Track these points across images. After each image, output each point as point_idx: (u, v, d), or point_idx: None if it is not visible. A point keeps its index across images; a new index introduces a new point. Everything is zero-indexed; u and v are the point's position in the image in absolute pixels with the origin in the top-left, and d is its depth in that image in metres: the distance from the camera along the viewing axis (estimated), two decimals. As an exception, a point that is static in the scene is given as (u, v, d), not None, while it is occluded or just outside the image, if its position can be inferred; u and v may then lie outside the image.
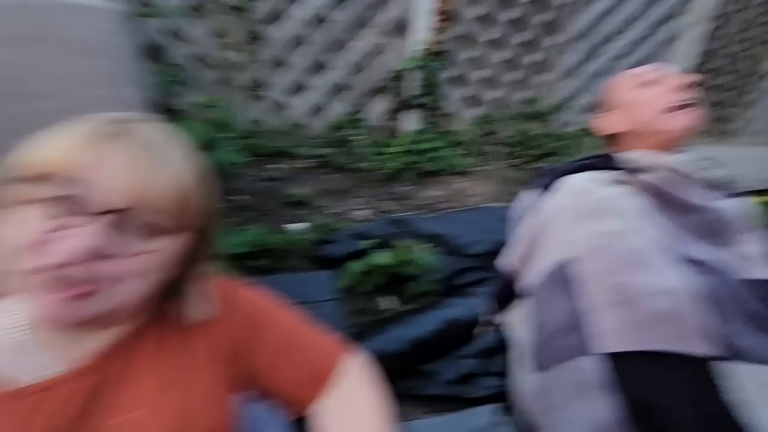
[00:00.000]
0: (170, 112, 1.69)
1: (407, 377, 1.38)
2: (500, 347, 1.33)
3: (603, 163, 0.98)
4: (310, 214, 1.93)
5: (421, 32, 2.18)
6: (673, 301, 0.76)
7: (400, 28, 2.22)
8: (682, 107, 0.92)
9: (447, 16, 2.20)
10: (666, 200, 0.91)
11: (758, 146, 3.52)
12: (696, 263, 0.83)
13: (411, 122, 2.36)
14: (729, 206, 0.94)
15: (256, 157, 2.07)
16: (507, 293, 1.02)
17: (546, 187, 0.99)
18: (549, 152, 2.44)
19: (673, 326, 0.75)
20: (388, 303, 1.63)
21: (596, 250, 0.82)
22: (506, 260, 1.00)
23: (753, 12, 2.86)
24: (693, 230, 0.90)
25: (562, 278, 0.85)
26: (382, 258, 1.55)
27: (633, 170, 0.92)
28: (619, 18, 2.56)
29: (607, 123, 1.04)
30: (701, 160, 1.03)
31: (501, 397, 1.18)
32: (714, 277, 0.81)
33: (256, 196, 1.98)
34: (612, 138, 1.05)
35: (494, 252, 1.13)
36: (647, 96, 0.96)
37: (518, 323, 0.99)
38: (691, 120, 0.91)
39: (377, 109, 2.32)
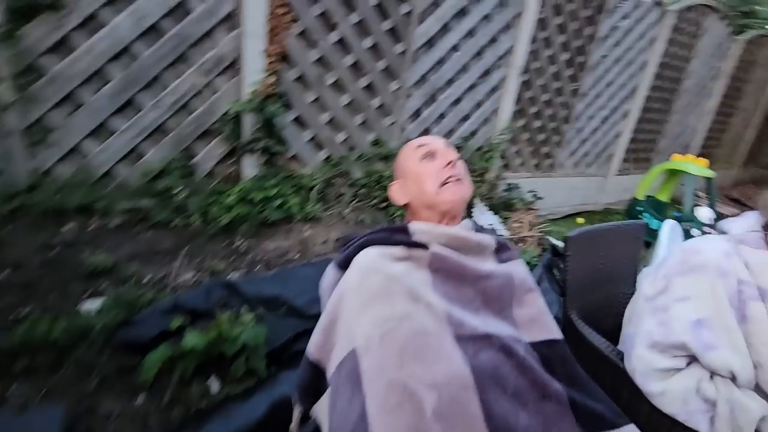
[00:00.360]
0: None
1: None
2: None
3: (395, 235, 0.94)
4: (114, 286, 1.60)
5: (253, 74, 2.04)
6: (457, 391, 0.72)
7: (230, 68, 2.05)
8: (453, 181, 0.96)
9: (279, 58, 2.10)
10: (450, 272, 0.90)
11: (572, 177, 4.17)
12: (482, 338, 0.82)
13: (249, 168, 2.18)
14: (512, 268, 0.98)
15: (42, 218, 1.66)
16: (315, 383, 0.90)
17: (344, 262, 0.92)
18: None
19: (458, 420, 0.69)
20: (207, 388, 1.40)
21: (379, 339, 0.75)
22: (311, 346, 0.89)
23: (558, 67, 3.40)
24: (479, 300, 0.90)
25: (350, 372, 0.76)
26: (193, 339, 1.32)
27: (417, 244, 0.90)
28: (451, 67, 2.78)
29: (397, 192, 1.02)
30: (487, 225, 1.08)
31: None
32: (499, 354, 0.81)
33: (41, 268, 1.57)
34: (405, 207, 1.04)
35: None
36: (426, 169, 0.97)
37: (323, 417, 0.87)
38: (460, 193, 0.93)
39: (208, 155, 2.09)
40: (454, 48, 2.77)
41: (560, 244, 2.98)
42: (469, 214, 2.90)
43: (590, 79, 3.71)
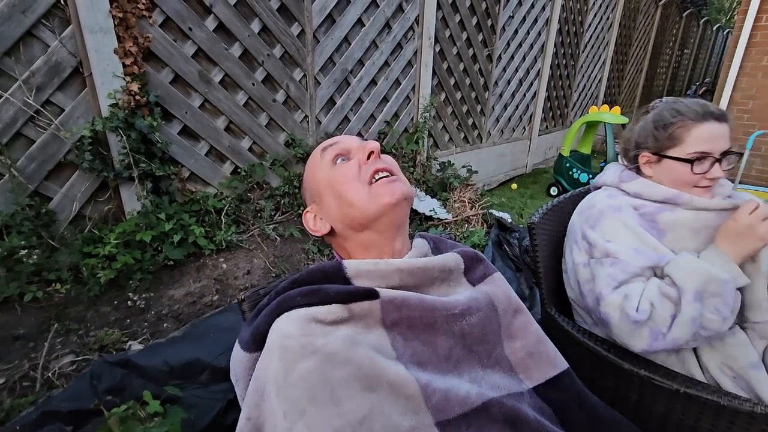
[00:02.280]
0: None
1: None
2: None
3: (325, 284, 0.64)
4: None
5: (108, 81, 1.58)
6: None
7: (73, 78, 1.56)
8: (387, 178, 0.67)
9: (141, 57, 1.65)
10: (413, 323, 0.62)
11: (500, 144, 4.11)
12: (477, 413, 0.58)
13: (132, 201, 1.72)
14: (491, 288, 0.74)
15: None
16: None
17: (253, 341, 0.61)
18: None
19: None
20: None
21: None
22: None
23: (469, 32, 3.23)
24: (459, 348, 0.64)
25: None
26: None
27: (360, 294, 0.61)
28: (359, 45, 2.48)
29: (313, 220, 0.72)
30: (428, 211, 0.83)
31: None
32: (504, 429, 0.58)
33: None
34: (329, 237, 0.74)
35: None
36: (342, 172, 0.67)
37: None
38: (400, 190, 0.66)
39: (69, 195, 1.60)
40: (359, 23, 2.46)
41: (503, 215, 2.87)
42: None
43: (502, 42, 3.62)
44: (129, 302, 1.55)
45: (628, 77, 6.67)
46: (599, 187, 1.05)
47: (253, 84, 2.06)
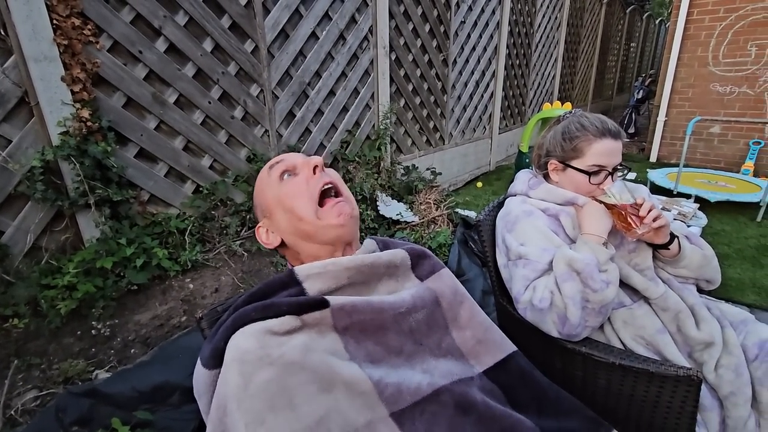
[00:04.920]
0: None
1: None
2: None
3: (279, 296, 0.68)
4: None
5: (57, 109, 1.56)
6: None
7: (20, 107, 1.53)
8: (331, 199, 0.72)
9: (90, 82, 1.64)
10: (364, 325, 0.67)
11: (462, 145, 4.23)
12: (429, 400, 0.63)
13: (90, 229, 1.70)
14: (436, 284, 0.79)
15: None
16: None
17: (212, 358, 0.63)
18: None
19: None
20: None
21: None
22: None
23: (423, 39, 3.33)
24: (410, 343, 0.69)
25: None
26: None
27: (310, 304, 0.65)
28: (315, 57, 2.52)
29: (265, 234, 0.76)
30: (395, 216, 0.89)
31: None
32: (456, 415, 0.63)
33: None
34: (281, 249, 0.78)
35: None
36: (290, 188, 0.71)
37: None
38: (347, 211, 0.72)
39: (22, 227, 1.57)
40: (314, 36, 2.50)
41: (469, 214, 2.97)
42: (375, 207, 2.72)
43: (456, 46, 3.74)
44: (93, 331, 1.52)
45: (580, 73, 6.98)
46: (515, 195, 1.16)
47: (210, 102, 2.07)
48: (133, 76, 1.78)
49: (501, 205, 1.21)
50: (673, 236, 0.99)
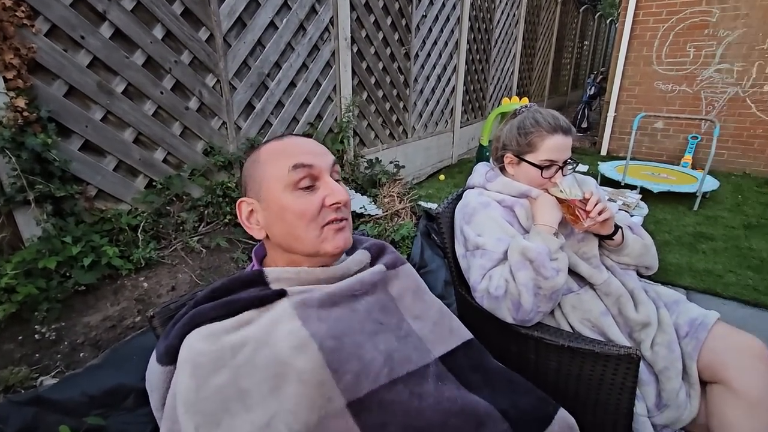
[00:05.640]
0: None
1: None
2: None
3: (242, 292, 0.68)
4: None
5: (-12, 98, 1.44)
6: None
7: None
8: (338, 225, 0.71)
9: (26, 69, 1.52)
10: (324, 304, 0.67)
11: (425, 139, 4.28)
12: (387, 389, 0.63)
13: (30, 227, 1.58)
14: (392, 277, 0.80)
15: None
16: None
17: (166, 355, 0.62)
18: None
19: None
20: None
21: None
22: None
23: (385, 32, 3.33)
24: (368, 325, 0.70)
25: None
26: None
27: (272, 295, 0.65)
28: (274, 48, 2.46)
29: (249, 219, 0.74)
30: (359, 209, 0.89)
31: None
32: (411, 399, 0.64)
33: None
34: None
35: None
36: (301, 207, 0.68)
37: None
38: (345, 241, 0.71)
39: (-49, 224, 1.44)
40: (272, 25, 2.44)
41: (432, 206, 3.02)
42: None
43: (418, 40, 3.76)
44: (36, 335, 1.43)
45: (537, 69, 7.23)
46: (473, 187, 1.19)
47: (162, 93, 1.97)
48: (75, 63, 1.67)
49: (460, 197, 1.24)
50: (617, 227, 1.06)
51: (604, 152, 5.28)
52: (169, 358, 0.61)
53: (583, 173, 3.59)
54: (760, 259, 2.54)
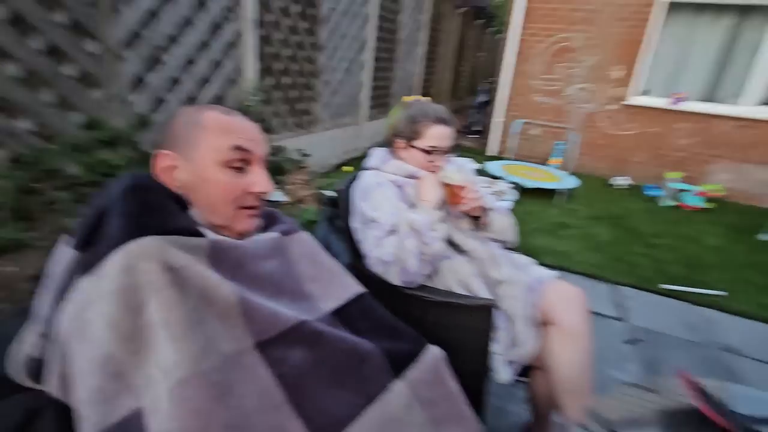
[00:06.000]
0: None
1: None
2: None
3: (178, 216, 0.69)
4: None
5: None
6: (272, 415, 0.60)
7: None
8: (253, 211, 0.77)
9: None
10: (231, 263, 0.72)
11: (332, 130, 4.36)
12: (289, 334, 0.70)
13: None
14: (288, 241, 0.87)
15: None
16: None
17: (90, 263, 0.59)
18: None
19: None
20: None
21: (169, 394, 0.54)
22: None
23: (293, 20, 3.32)
24: (269, 284, 0.77)
25: None
26: None
27: (195, 231, 0.68)
28: (170, 20, 2.32)
29: (168, 171, 0.73)
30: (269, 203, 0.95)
31: None
32: (303, 344, 0.71)
33: None
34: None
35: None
36: (227, 184, 0.72)
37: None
38: (255, 225, 0.78)
39: None
40: (168, -4, 2.29)
41: (335, 194, 3.12)
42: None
43: (325, 32, 3.81)
44: None
45: (438, 73, 7.77)
46: (369, 169, 1.33)
47: (29, 54, 1.74)
48: None
49: (356, 177, 1.36)
50: (487, 210, 1.28)
51: (492, 153, 5.92)
52: (89, 247, 0.62)
53: (474, 169, 4.00)
54: (598, 243, 3.15)
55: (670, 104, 4.90)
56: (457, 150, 1.34)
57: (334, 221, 2.77)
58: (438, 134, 1.24)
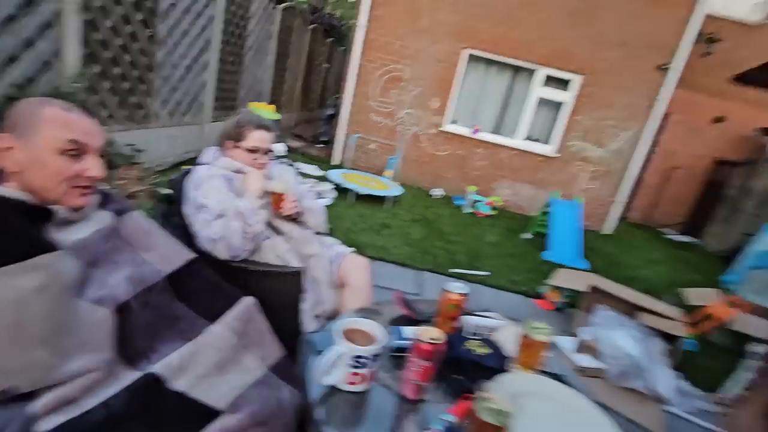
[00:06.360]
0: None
1: None
2: None
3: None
4: None
5: None
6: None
7: None
8: (85, 190, 0.90)
9: None
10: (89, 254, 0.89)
11: (170, 127, 4.22)
12: (129, 302, 0.90)
13: None
14: (117, 222, 1.05)
15: None
16: None
17: None
18: None
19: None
20: None
21: None
22: None
23: (126, 9, 3.17)
24: (105, 263, 0.94)
25: None
26: None
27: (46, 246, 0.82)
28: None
29: (2, 151, 0.83)
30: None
31: None
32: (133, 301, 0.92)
33: None
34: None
35: None
36: (60, 169, 0.85)
37: None
38: (86, 201, 0.92)
39: None
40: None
41: (171, 191, 3.09)
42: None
43: (164, 26, 3.71)
44: None
45: (289, 83, 8.04)
46: (201, 164, 1.56)
47: None
48: None
49: (189, 171, 1.57)
50: (301, 213, 1.62)
51: (336, 162, 6.48)
52: None
53: (317, 178, 4.44)
54: (411, 240, 3.90)
55: (471, 133, 6.25)
56: (304, 157, 1.61)
57: (170, 218, 2.79)
58: (258, 137, 1.54)
